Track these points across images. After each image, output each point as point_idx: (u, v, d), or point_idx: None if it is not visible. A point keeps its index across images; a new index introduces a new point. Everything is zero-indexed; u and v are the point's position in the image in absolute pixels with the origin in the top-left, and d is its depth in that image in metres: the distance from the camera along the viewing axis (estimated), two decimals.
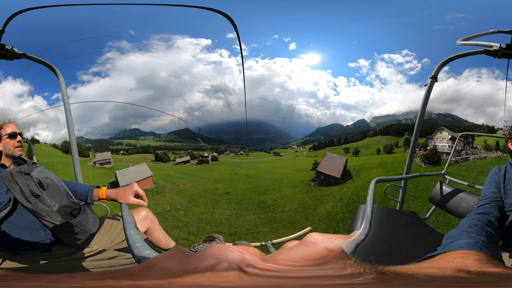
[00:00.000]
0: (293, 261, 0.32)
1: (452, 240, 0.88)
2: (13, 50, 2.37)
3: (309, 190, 27.14)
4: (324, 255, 0.33)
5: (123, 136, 46.17)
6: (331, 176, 27.64)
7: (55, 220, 1.52)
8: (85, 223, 1.63)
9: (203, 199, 25.70)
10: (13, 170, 1.53)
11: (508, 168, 1.59)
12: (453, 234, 0.95)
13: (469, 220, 1.12)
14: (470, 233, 0.96)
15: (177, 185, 28.59)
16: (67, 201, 1.59)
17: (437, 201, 2.72)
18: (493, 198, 1.42)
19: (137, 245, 0.69)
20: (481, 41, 2.38)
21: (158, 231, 2.35)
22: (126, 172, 27.75)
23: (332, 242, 0.37)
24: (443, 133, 29.46)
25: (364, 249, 0.66)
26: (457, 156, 24.22)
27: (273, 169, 35.21)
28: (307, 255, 0.33)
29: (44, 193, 1.51)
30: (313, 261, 0.32)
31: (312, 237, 0.37)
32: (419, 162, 26.86)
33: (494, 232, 1.06)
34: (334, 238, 0.38)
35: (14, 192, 1.49)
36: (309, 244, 0.36)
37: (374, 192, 1.64)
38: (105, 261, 1.71)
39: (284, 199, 25.62)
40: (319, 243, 0.36)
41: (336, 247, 0.35)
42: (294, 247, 0.36)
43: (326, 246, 0.35)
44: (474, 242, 0.86)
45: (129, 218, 1.07)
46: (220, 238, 2.79)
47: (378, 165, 30.22)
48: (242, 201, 25.32)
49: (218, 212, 23.11)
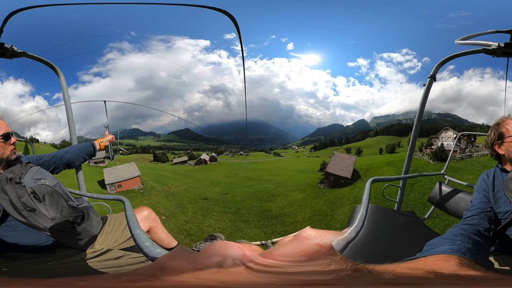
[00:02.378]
0: (287, 257, 0.32)
1: (434, 247, 0.87)
2: (12, 49, 2.36)
3: (320, 194, 24.46)
4: (315, 250, 0.34)
5: (123, 136, 46.23)
6: (342, 176, 25.99)
7: (55, 230, 1.40)
8: (90, 228, 1.56)
9: (193, 206, 22.49)
10: (2, 177, 1.33)
11: (497, 173, 1.52)
12: (436, 241, 0.93)
13: (455, 229, 1.10)
14: (454, 241, 0.94)
15: (168, 187, 26.48)
16: (68, 210, 1.45)
17: (436, 201, 2.71)
18: (482, 209, 1.37)
19: (146, 245, 0.69)
20: (480, 41, 2.38)
21: (160, 231, 2.34)
22: (113, 170, 27.10)
23: (324, 238, 0.37)
24: (448, 133, 30.99)
25: (360, 249, 0.66)
26: (462, 154, 26.61)
27: (274, 170, 33.24)
28: (300, 251, 0.34)
29: (40, 205, 1.35)
30: (305, 257, 0.33)
31: (305, 232, 0.38)
32: (427, 159, 27.78)
33: (482, 240, 1.04)
34: (326, 234, 0.39)
35: (4, 204, 1.30)
36: (302, 240, 0.37)
37: (370, 192, 1.64)
38: (112, 261, 1.66)
39: (293, 206, 22.30)
40: (312, 238, 0.37)
41: (326, 243, 0.36)
42: (288, 243, 0.37)
43: (318, 242, 0.36)
44: (457, 248, 0.85)
45: (133, 218, 1.06)
46: (221, 237, 2.79)
47: (387, 164, 29.51)
48: (240, 210, 21.64)
49: (207, 224, 19.44)
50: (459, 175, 22.09)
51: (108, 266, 1.63)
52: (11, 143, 1.66)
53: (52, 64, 2.81)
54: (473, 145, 27.89)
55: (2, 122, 1.68)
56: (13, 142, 1.67)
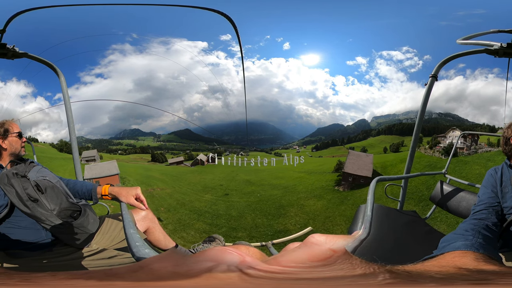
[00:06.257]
0: (298, 263, 0.32)
1: (449, 243, 0.88)
2: (14, 50, 2.37)
3: (343, 198, 19.71)
4: (328, 255, 0.34)
5: (123, 136, 46.38)
6: (362, 176, 23.69)
7: (55, 223, 1.49)
8: (86, 224, 1.62)
9: (168, 216, 16.97)
10: (9, 172, 1.47)
11: (505, 169, 1.56)
12: (449, 238, 0.95)
13: (465, 224, 1.12)
14: (466, 236, 0.96)
15: (152, 189, 22.83)
16: (66, 204, 1.56)
17: (438, 200, 2.71)
18: (490, 204, 1.39)
19: (137, 244, 0.69)
20: (482, 40, 2.37)
21: (158, 231, 2.34)
22: (94, 167, 26.49)
23: (335, 243, 0.37)
24: (455, 132, 33.32)
25: (364, 249, 0.66)
26: (469, 150, 29.64)
27: (278, 172, 28.80)
28: (310, 256, 0.33)
29: (42, 196, 1.47)
30: (318, 262, 0.32)
31: (314, 238, 0.38)
32: (439, 155, 29.27)
33: (491, 235, 1.06)
34: (336, 238, 0.39)
35: (11, 196, 1.43)
36: (311, 245, 0.36)
37: (374, 192, 1.64)
38: (104, 260, 1.71)
39: (317, 220, 16.52)
40: (322, 244, 0.37)
41: (339, 248, 0.35)
42: (296, 249, 0.36)
43: (329, 247, 0.35)
44: (470, 243, 0.86)
45: (129, 217, 1.08)
46: (220, 239, 2.78)
47: (400, 161, 27.80)
48: (236, 231, 14.97)
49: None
50: (469, 166, 22.55)
51: (100, 265, 1.68)
52: (22, 141, 1.94)
53: (52, 64, 2.82)
54: (476, 144, 30.19)
55: (15, 124, 1.96)
56: (24, 140, 1.97)
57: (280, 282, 0.28)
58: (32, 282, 0.27)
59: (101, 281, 0.27)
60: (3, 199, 1.60)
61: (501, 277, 0.35)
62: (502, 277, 0.35)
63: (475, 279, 0.33)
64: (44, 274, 0.29)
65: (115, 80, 43.76)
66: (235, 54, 48.12)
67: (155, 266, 0.30)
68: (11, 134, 1.86)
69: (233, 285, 0.27)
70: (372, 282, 0.27)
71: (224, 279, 0.27)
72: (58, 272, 0.29)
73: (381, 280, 0.28)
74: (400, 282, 0.28)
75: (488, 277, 0.34)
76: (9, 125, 1.89)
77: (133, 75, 45.06)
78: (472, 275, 0.37)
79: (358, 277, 0.28)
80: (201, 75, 48.03)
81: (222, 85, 47.86)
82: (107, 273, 0.29)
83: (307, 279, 0.29)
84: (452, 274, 0.35)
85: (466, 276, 0.35)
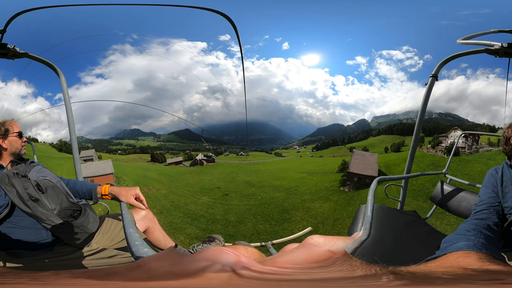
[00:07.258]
0: (294, 264, 0.31)
1: (451, 244, 0.87)
2: (14, 50, 2.38)
3: (350, 199, 18.63)
4: (327, 257, 0.33)
5: (123, 136, 46.40)
6: (367, 176, 23.13)
7: (55, 223, 1.49)
8: (86, 224, 1.62)
9: (160, 218, 12.08)
10: (10, 172, 1.46)
11: (505, 169, 1.56)
12: (451, 238, 0.94)
13: (466, 225, 1.12)
14: (468, 236, 0.95)
15: (147, 189, 22.38)
16: (67, 203, 1.56)
17: (438, 200, 2.71)
18: (491, 204, 1.39)
19: (136, 243, 0.69)
20: (482, 40, 2.37)
21: (158, 231, 2.34)
22: (89, 166, 26.60)
23: (334, 244, 0.37)
24: (457, 132, 34.28)
25: (364, 250, 0.66)
26: (471, 149, 30.87)
27: (279, 173, 28.03)
28: (308, 258, 0.33)
29: (43, 196, 1.47)
30: (316, 264, 0.32)
31: (313, 239, 0.38)
32: (441, 154, 30.17)
33: (492, 235, 1.06)
34: (335, 240, 0.39)
35: (11, 196, 1.43)
36: (310, 247, 0.36)
37: (375, 192, 1.63)
38: (104, 260, 1.72)
39: (326, 224, 14.72)
40: (320, 245, 0.36)
41: (338, 249, 0.35)
42: (294, 250, 0.36)
43: (328, 248, 0.35)
44: (473, 243, 0.85)
45: (128, 217, 1.08)
46: (220, 239, 2.78)
47: (403, 160, 28.87)
48: (234, 238, 13.20)
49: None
50: (470, 165, 22.80)
51: (100, 265, 1.69)
52: (23, 141, 1.95)
53: (53, 64, 2.82)
54: (477, 143, 31.07)
55: (15, 124, 1.97)
56: (24, 140, 1.98)
57: (272, 283, 0.28)
58: (40, 281, 0.28)
59: (101, 280, 0.28)
60: (3, 199, 1.60)
61: (510, 276, 0.35)
62: (510, 276, 0.35)
63: (485, 279, 0.33)
64: (48, 273, 0.29)
65: (115, 81, 43.78)
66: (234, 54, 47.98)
67: (152, 265, 0.30)
68: (12, 134, 1.87)
69: (222, 285, 0.27)
70: (375, 283, 0.27)
71: (213, 279, 0.27)
72: (61, 271, 0.30)
73: (386, 281, 0.27)
74: (407, 283, 0.27)
75: (497, 277, 0.34)
76: (10, 124, 1.90)
77: (133, 75, 45.05)
78: (480, 275, 0.37)
79: (359, 278, 0.28)
80: (201, 75, 47.92)
81: (222, 85, 47.71)
82: (107, 272, 0.29)
83: (302, 280, 0.29)
84: (460, 275, 0.35)
85: (475, 277, 0.35)
